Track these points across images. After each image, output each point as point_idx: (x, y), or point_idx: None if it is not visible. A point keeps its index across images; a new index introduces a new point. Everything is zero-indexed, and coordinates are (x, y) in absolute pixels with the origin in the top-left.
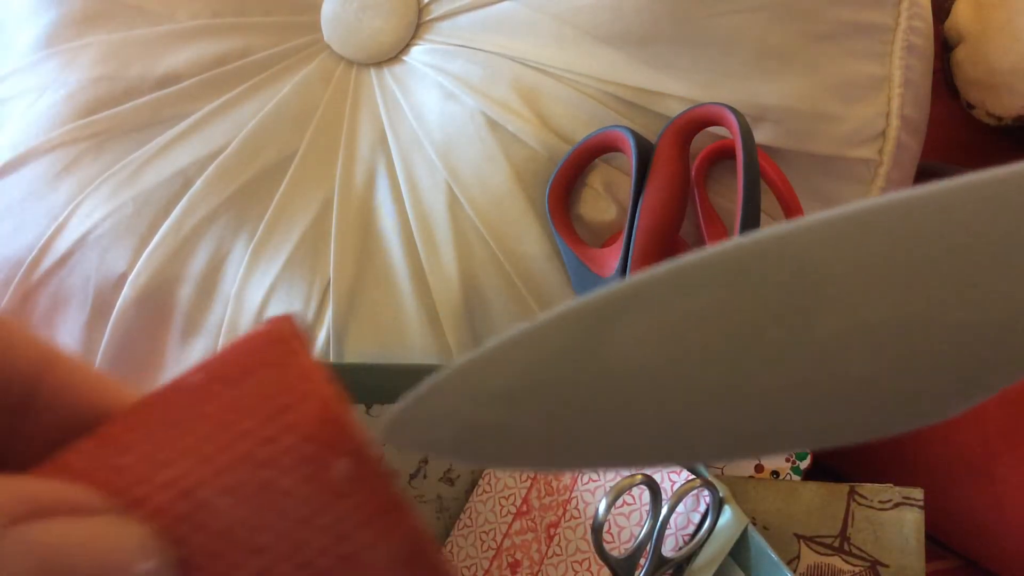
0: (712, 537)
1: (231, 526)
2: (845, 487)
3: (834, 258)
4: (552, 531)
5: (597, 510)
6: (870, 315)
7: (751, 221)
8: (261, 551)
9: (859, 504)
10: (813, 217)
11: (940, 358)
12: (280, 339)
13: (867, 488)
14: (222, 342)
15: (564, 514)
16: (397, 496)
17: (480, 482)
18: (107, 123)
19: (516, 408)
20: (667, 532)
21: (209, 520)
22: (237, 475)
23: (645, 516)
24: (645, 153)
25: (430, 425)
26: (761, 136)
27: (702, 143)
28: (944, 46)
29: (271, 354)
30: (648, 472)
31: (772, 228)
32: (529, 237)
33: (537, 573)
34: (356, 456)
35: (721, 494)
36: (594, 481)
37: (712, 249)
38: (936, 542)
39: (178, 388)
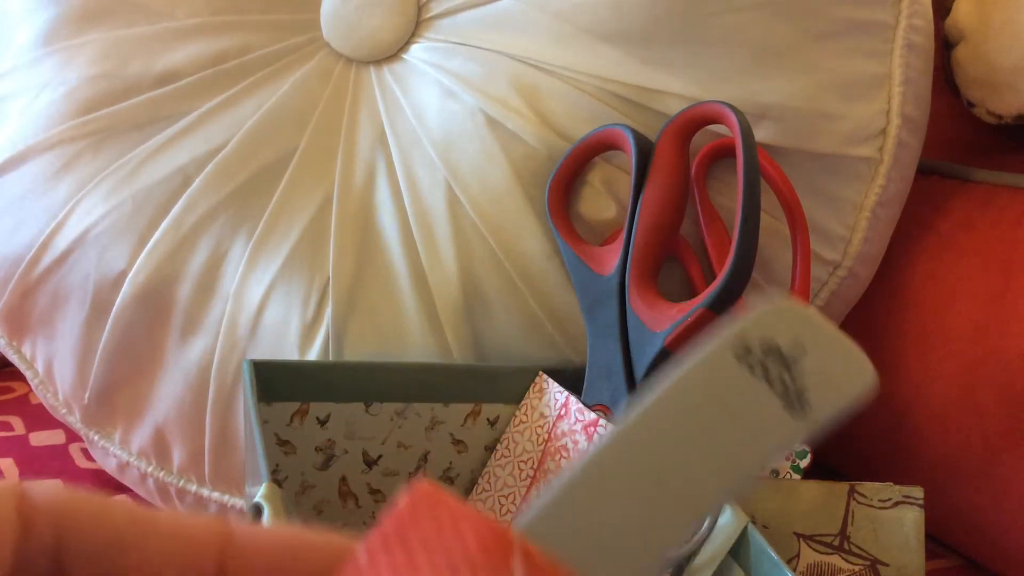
0: (712, 536)
1: None
2: (845, 486)
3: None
4: None
5: None
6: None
7: (751, 220)
8: None
9: (859, 503)
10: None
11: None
12: (421, 497)
13: (867, 487)
14: (221, 340)
15: None
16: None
17: (480, 481)
18: (106, 121)
19: None
20: None
21: None
22: None
23: None
24: (645, 151)
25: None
26: (761, 134)
27: (702, 141)
28: (945, 44)
29: (418, 500)
30: None
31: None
32: (529, 235)
33: None
34: (525, 556)
35: None
36: None
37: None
38: (936, 541)
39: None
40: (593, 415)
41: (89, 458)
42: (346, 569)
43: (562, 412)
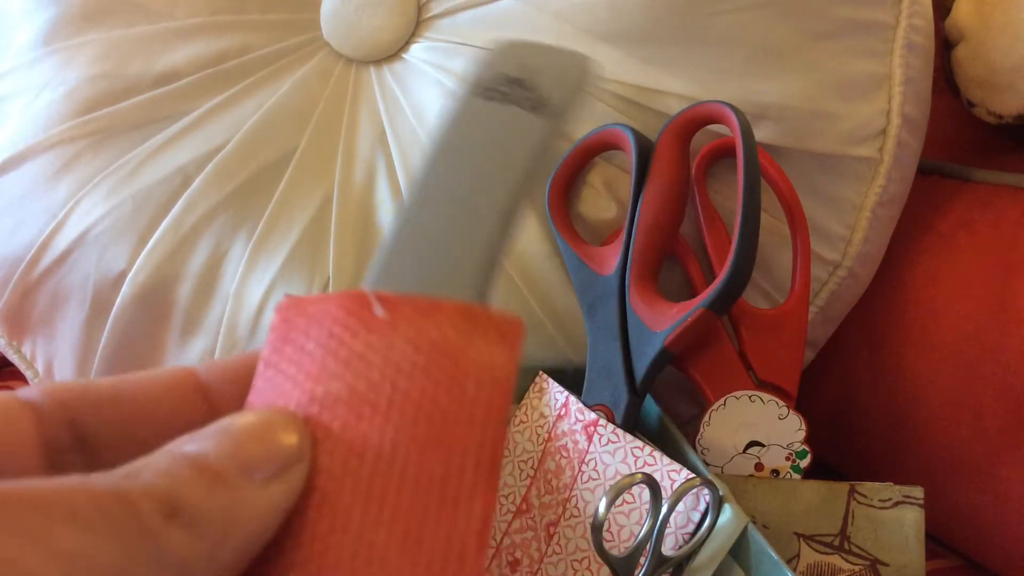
0: (712, 536)
1: (343, 399)
2: (845, 486)
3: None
4: (552, 530)
5: (597, 509)
6: None
7: (751, 220)
8: (375, 403)
9: (859, 503)
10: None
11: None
12: (286, 305)
13: (867, 487)
14: (221, 340)
15: (564, 512)
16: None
17: None
18: (106, 121)
19: None
20: (667, 531)
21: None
22: (329, 366)
23: (645, 515)
24: (645, 151)
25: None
26: (761, 134)
27: (702, 141)
28: (945, 44)
29: (285, 308)
30: (647, 471)
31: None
32: (529, 235)
33: (537, 572)
34: (382, 300)
35: (721, 493)
36: (594, 480)
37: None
38: (936, 541)
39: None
40: (593, 415)
41: None
42: (256, 377)
43: (562, 412)
